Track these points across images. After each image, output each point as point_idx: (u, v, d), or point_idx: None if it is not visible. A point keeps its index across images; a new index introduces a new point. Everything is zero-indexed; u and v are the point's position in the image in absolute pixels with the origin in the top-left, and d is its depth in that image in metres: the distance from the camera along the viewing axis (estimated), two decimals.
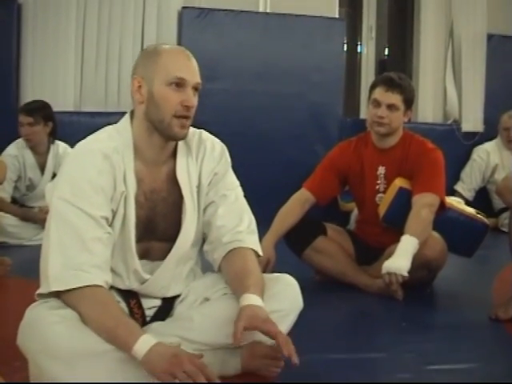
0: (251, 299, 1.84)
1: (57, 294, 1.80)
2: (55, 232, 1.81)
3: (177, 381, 1.61)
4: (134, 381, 1.70)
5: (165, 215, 2.01)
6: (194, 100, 1.93)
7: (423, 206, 3.01)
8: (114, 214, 1.90)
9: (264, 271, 2.64)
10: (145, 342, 1.67)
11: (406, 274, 2.82)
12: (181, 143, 2.03)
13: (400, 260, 2.85)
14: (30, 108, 4.37)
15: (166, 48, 1.96)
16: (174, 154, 2.02)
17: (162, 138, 1.96)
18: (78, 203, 1.81)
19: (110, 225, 1.89)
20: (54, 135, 4.46)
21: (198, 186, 2.05)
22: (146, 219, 1.98)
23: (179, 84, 1.90)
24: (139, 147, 1.96)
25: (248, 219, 2.08)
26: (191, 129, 2.02)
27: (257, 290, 1.88)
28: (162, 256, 2.02)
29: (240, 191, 2.14)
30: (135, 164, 1.95)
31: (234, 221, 2.04)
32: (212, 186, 2.07)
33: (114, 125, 2.01)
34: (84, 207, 1.81)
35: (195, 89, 1.94)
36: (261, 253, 2.07)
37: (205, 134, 2.11)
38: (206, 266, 2.17)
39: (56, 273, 1.76)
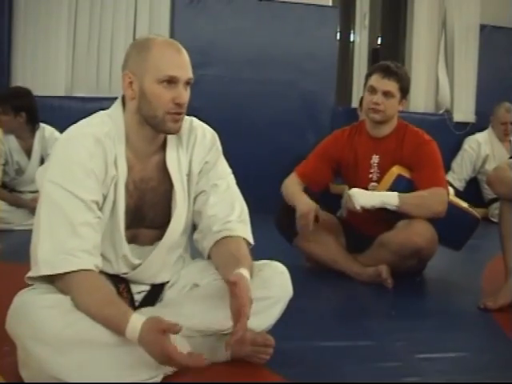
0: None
1: (49, 279, 1.78)
2: (45, 215, 1.79)
3: None
4: (126, 371, 1.70)
5: (154, 204, 2.00)
6: (185, 96, 1.90)
7: (439, 202, 3.06)
8: (104, 198, 1.89)
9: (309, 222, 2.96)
10: (133, 328, 1.65)
11: (358, 207, 3.00)
12: None
13: (369, 196, 3.03)
14: (1, 96, 4.28)
15: (156, 42, 1.90)
16: (164, 144, 2.00)
17: (153, 130, 1.94)
18: (68, 186, 1.79)
19: (100, 209, 1.87)
20: (33, 123, 4.33)
21: (189, 175, 2.03)
22: (135, 208, 1.97)
23: (171, 81, 1.86)
24: (130, 137, 1.94)
25: (239, 208, 2.06)
26: None
27: (246, 265, 1.87)
28: (151, 241, 2.03)
29: (232, 179, 2.12)
30: (126, 151, 1.93)
31: (225, 210, 2.02)
32: (203, 175, 2.05)
33: (106, 110, 1.99)
34: (74, 191, 1.79)
35: (187, 83, 1.91)
36: (252, 241, 2.05)
37: (196, 121, 2.09)
38: (195, 253, 2.16)
39: (45, 257, 1.75)
